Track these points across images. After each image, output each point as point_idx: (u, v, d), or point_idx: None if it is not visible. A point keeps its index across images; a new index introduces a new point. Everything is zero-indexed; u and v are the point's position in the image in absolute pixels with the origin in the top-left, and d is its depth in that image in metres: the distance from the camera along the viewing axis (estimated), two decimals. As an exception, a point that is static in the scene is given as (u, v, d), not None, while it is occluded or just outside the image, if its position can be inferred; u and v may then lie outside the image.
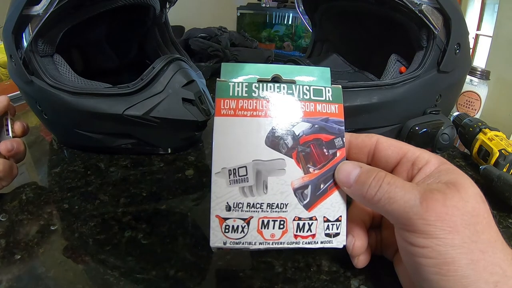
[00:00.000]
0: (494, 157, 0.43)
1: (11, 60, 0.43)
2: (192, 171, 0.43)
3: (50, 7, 0.38)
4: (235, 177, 0.25)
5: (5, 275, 0.27)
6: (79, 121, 0.43)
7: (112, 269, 0.28)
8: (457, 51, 0.43)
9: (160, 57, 0.42)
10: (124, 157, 0.45)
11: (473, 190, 0.22)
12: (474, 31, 0.78)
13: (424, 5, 0.41)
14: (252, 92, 0.26)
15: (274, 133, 0.25)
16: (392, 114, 0.43)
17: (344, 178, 0.25)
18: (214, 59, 0.85)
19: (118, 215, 0.35)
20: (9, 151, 0.37)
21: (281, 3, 1.10)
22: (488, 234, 0.21)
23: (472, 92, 0.60)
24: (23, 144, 0.39)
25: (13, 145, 0.37)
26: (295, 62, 0.45)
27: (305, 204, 0.25)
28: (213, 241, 0.25)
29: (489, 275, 0.20)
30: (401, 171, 0.26)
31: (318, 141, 0.26)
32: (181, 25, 1.11)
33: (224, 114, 0.25)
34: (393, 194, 0.22)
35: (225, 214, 0.25)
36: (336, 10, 0.57)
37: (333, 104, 0.27)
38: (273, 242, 0.25)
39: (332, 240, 0.26)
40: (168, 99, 0.40)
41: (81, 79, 0.44)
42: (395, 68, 0.47)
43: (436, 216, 0.20)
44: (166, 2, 0.54)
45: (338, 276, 0.28)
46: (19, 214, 0.34)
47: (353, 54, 0.60)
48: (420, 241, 0.21)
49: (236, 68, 0.27)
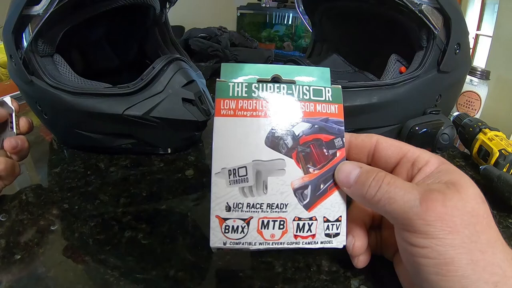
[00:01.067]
0: (494, 157, 0.43)
1: (11, 60, 0.43)
2: (192, 171, 0.43)
3: (50, 7, 0.38)
4: (235, 178, 0.25)
5: (5, 275, 0.27)
6: (79, 121, 0.43)
7: (112, 269, 0.28)
8: (457, 51, 0.43)
9: (160, 57, 0.42)
10: (124, 157, 0.45)
11: (473, 190, 0.22)
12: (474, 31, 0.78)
13: (424, 5, 0.41)
14: (252, 92, 0.26)
15: (274, 133, 0.25)
16: (392, 114, 0.43)
17: (344, 178, 0.25)
18: (214, 59, 0.85)
19: (118, 215, 0.35)
20: (14, 148, 0.36)
21: (281, 3, 1.10)
22: (488, 234, 0.21)
23: (472, 92, 0.60)
24: (27, 141, 0.38)
25: (17, 142, 0.36)
26: (295, 62, 0.45)
27: (305, 204, 0.25)
28: (213, 242, 0.25)
29: (489, 275, 0.20)
30: (401, 171, 0.26)
31: (318, 141, 0.26)
32: (181, 25, 1.11)
33: (224, 115, 0.25)
34: (393, 194, 0.22)
35: (225, 214, 0.25)
36: (336, 10, 0.57)
37: (333, 104, 0.27)
38: (273, 242, 0.25)
39: (332, 240, 0.26)
40: (168, 99, 0.40)
41: (81, 79, 0.44)
42: (395, 68, 0.47)
43: (436, 216, 0.20)
44: (166, 2, 0.54)
45: (338, 276, 0.28)
46: (19, 214, 0.34)
47: (353, 54, 0.60)
48: (420, 241, 0.21)
49: (236, 68, 0.27)
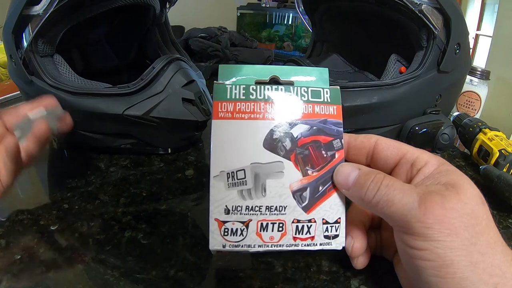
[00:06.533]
0: (494, 157, 0.43)
1: (11, 60, 0.43)
2: (192, 171, 0.43)
3: (50, 7, 0.38)
4: (233, 180, 0.25)
5: (5, 275, 0.27)
6: (79, 121, 0.42)
7: (112, 269, 0.28)
8: (457, 51, 0.43)
9: (160, 57, 0.42)
10: (124, 157, 0.45)
11: (472, 192, 0.22)
12: (474, 31, 0.77)
13: (424, 5, 0.40)
14: (250, 94, 0.26)
15: (272, 135, 0.25)
16: (392, 114, 0.43)
17: (343, 180, 0.25)
18: (214, 59, 0.85)
19: (118, 215, 0.35)
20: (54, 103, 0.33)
21: (281, 3, 1.09)
22: (487, 236, 0.21)
23: (472, 92, 0.60)
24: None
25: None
26: (295, 62, 0.45)
27: (304, 206, 0.25)
28: (212, 244, 0.25)
29: (488, 276, 0.20)
30: (400, 172, 0.26)
31: (317, 143, 0.26)
32: (181, 25, 1.10)
33: (222, 117, 0.25)
34: (391, 196, 0.22)
35: (224, 217, 0.25)
36: (336, 10, 0.57)
37: (331, 105, 0.27)
38: (272, 244, 0.25)
39: (331, 242, 0.26)
40: (168, 99, 0.40)
41: (81, 79, 0.44)
42: (395, 68, 0.47)
43: (435, 218, 0.20)
44: (166, 2, 0.54)
45: (338, 276, 0.28)
46: (19, 214, 0.34)
47: (353, 54, 0.60)
48: (418, 243, 0.21)
49: (234, 69, 0.26)
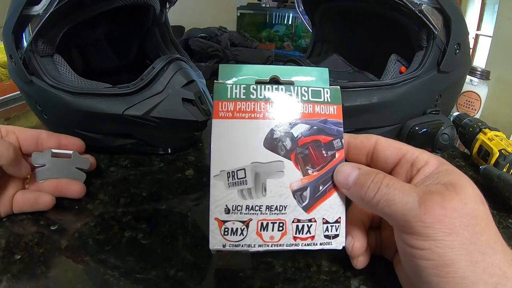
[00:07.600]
0: (494, 157, 0.43)
1: (11, 60, 0.43)
2: (192, 171, 0.43)
3: (50, 7, 0.38)
4: (233, 180, 0.25)
5: (5, 275, 0.27)
6: (79, 121, 0.43)
7: (112, 269, 0.28)
8: (457, 51, 0.43)
9: (160, 57, 0.42)
10: (124, 157, 0.45)
11: (472, 192, 0.22)
12: (474, 31, 0.78)
13: (424, 5, 0.40)
14: (250, 94, 0.26)
15: (273, 135, 0.25)
16: (392, 114, 0.43)
17: (343, 180, 0.25)
18: (214, 59, 0.85)
19: (118, 215, 0.35)
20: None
21: (281, 3, 1.09)
22: (487, 236, 0.21)
23: (472, 92, 0.60)
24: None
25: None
26: (295, 62, 0.45)
27: (304, 206, 0.25)
28: (213, 244, 0.25)
29: (488, 276, 0.20)
30: (400, 172, 0.26)
31: (317, 142, 0.26)
32: (181, 25, 1.10)
33: (222, 117, 0.25)
34: (392, 196, 0.22)
35: (224, 216, 0.25)
36: (336, 10, 0.56)
37: (331, 105, 0.27)
38: (272, 244, 0.25)
39: (331, 242, 0.26)
40: (168, 99, 0.40)
41: (81, 79, 0.43)
42: (395, 68, 0.47)
43: (435, 218, 0.20)
44: (166, 2, 0.54)
45: (338, 276, 0.28)
46: (19, 214, 0.34)
47: (353, 54, 0.60)
48: (419, 243, 0.21)
49: (234, 69, 0.27)
